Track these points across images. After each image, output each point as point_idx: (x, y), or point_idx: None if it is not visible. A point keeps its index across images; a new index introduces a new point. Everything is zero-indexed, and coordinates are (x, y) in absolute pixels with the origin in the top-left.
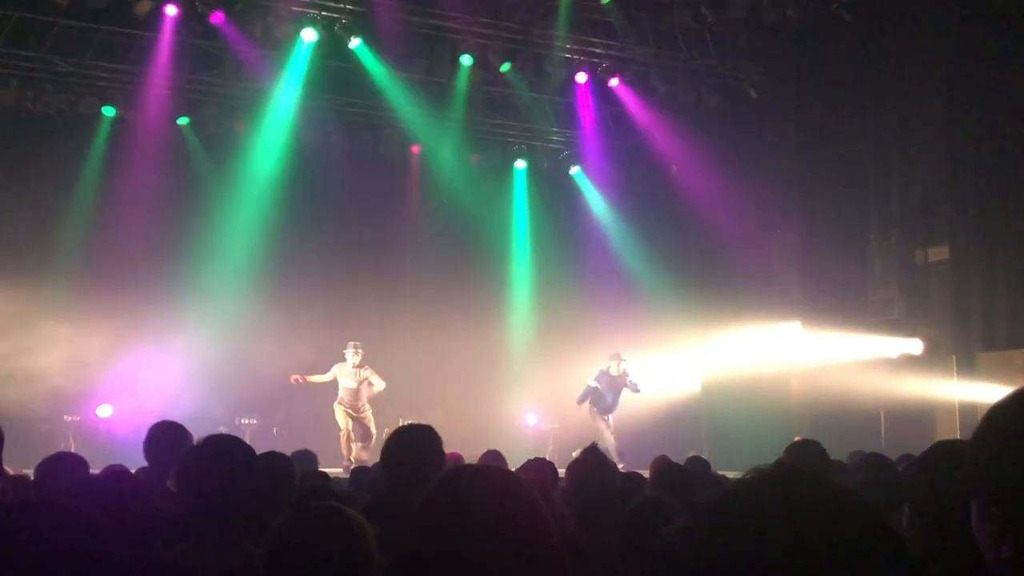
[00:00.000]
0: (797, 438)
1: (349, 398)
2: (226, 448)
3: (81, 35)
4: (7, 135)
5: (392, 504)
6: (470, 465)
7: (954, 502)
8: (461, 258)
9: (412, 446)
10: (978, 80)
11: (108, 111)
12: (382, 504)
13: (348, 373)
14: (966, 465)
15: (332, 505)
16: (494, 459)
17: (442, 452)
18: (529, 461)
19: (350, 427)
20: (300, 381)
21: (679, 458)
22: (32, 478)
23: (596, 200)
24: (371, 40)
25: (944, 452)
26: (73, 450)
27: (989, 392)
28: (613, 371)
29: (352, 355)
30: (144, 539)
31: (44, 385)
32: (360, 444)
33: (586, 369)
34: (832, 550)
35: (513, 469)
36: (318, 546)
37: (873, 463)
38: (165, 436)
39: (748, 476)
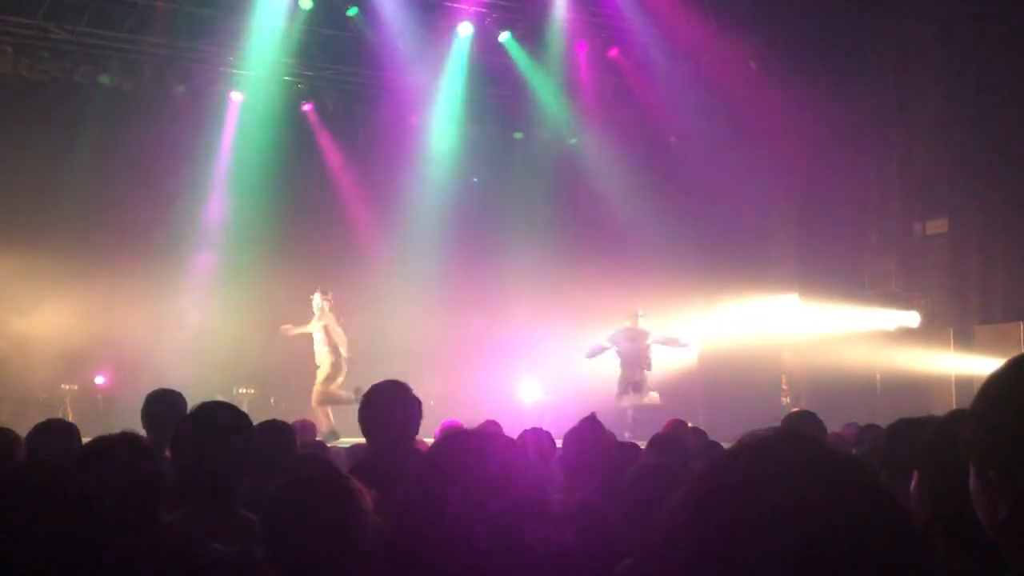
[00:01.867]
0: (795, 409)
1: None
2: (220, 415)
3: (76, 2)
4: (2, 103)
5: (378, 464)
6: (465, 429)
7: (962, 470)
8: (456, 228)
9: (387, 403)
10: (978, 51)
11: (104, 79)
12: (368, 464)
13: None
14: (964, 431)
15: (326, 469)
16: (492, 429)
17: (418, 404)
18: (525, 431)
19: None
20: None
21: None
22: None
23: (594, 171)
24: (367, 8)
25: (959, 421)
26: (71, 419)
27: (986, 365)
28: (631, 325)
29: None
30: (145, 504)
31: (41, 354)
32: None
33: (581, 341)
34: (827, 509)
35: None
36: (314, 510)
37: (871, 434)
38: (162, 404)
39: (743, 439)
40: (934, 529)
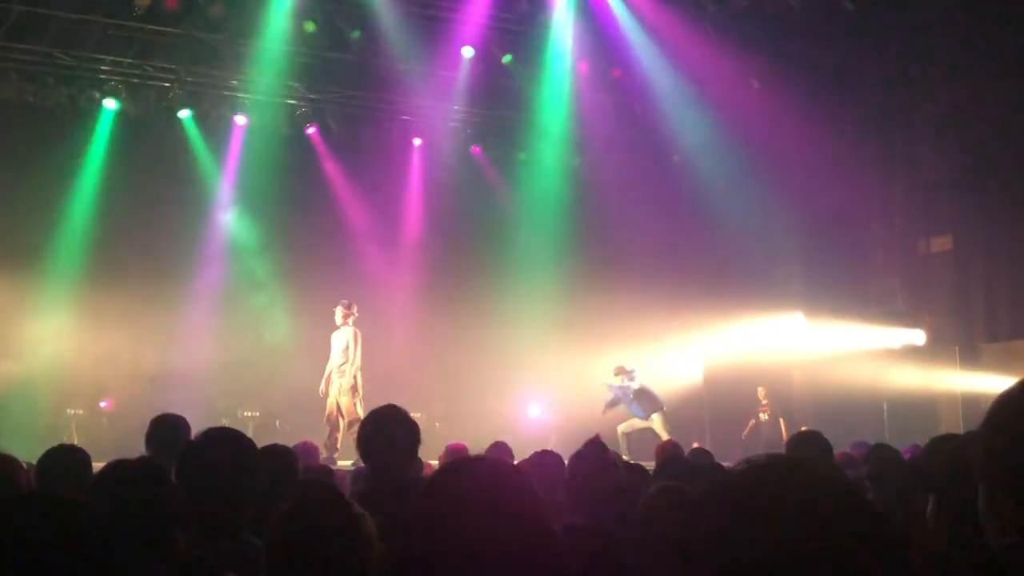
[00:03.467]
0: (803, 429)
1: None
2: (224, 441)
3: (82, 28)
4: (8, 129)
5: (378, 488)
6: (469, 456)
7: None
8: (460, 250)
9: (383, 427)
10: (982, 67)
11: (109, 104)
12: (369, 488)
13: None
14: (974, 453)
15: (330, 494)
16: (501, 451)
17: (415, 427)
18: (535, 454)
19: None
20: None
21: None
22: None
23: (598, 191)
24: (370, 31)
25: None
26: (76, 443)
27: (992, 383)
28: (627, 383)
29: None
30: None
31: (47, 378)
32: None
33: (587, 361)
34: (816, 537)
35: (518, 461)
36: (319, 535)
37: (880, 454)
38: (167, 428)
39: (738, 466)
40: (951, 555)
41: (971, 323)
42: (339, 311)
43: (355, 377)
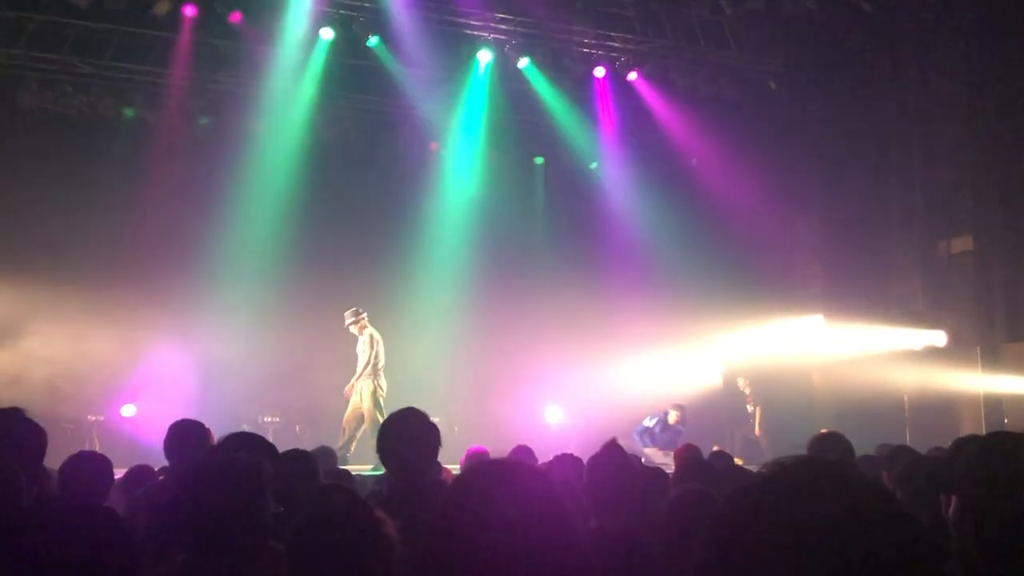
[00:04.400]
0: (823, 431)
1: None
2: (245, 446)
3: (100, 36)
4: (28, 137)
5: (399, 493)
6: (492, 459)
7: (1009, 492)
8: (479, 254)
9: (404, 431)
10: (1000, 67)
11: (128, 112)
12: (390, 493)
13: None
14: (1015, 455)
15: (351, 499)
16: (524, 454)
17: (435, 431)
18: (555, 457)
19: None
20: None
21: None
22: (57, 477)
23: (616, 195)
24: (388, 38)
25: (1000, 443)
26: (97, 450)
27: (1014, 383)
28: (671, 419)
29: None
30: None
31: (68, 385)
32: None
33: (606, 365)
34: (849, 540)
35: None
36: (340, 541)
37: (902, 456)
38: (185, 434)
39: (765, 469)
40: (978, 555)
41: (992, 323)
42: (349, 320)
43: (374, 381)
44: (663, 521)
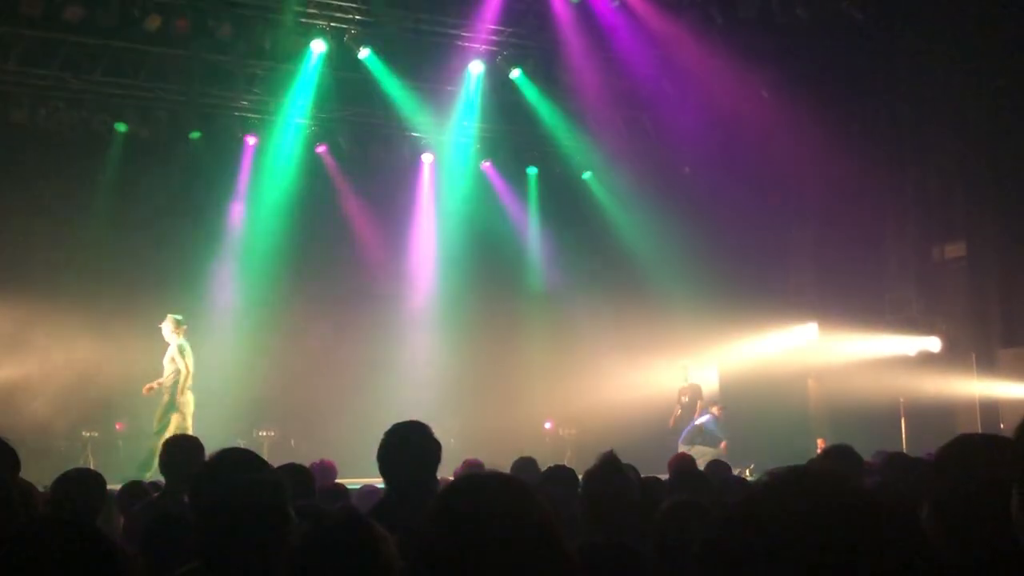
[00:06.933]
0: (820, 440)
1: None
2: (238, 462)
3: (92, 52)
4: (21, 153)
5: (398, 506)
6: (478, 473)
7: (976, 497)
8: (472, 265)
9: (405, 444)
10: (992, 74)
11: (120, 127)
12: (389, 506)
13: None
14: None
15: (350, 514)
16: (527, 466)
17: (437, 444)
18: (549, 468)
19: None
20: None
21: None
22: (49, 494)
23: (608, 204)
24: (380, 50)
25: (963, 448)
26: (92, 466)
27: (1010, 389)
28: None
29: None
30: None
31: (61, 401)
32: None
33: (603, 374)
34: (850, 552)
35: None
36: (339, 557)
37: (898, 463)
38: (179, 450)
39: (764, 480)
40: (953, 556)
41: (987, 328)
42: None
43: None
44: (652, 532)
